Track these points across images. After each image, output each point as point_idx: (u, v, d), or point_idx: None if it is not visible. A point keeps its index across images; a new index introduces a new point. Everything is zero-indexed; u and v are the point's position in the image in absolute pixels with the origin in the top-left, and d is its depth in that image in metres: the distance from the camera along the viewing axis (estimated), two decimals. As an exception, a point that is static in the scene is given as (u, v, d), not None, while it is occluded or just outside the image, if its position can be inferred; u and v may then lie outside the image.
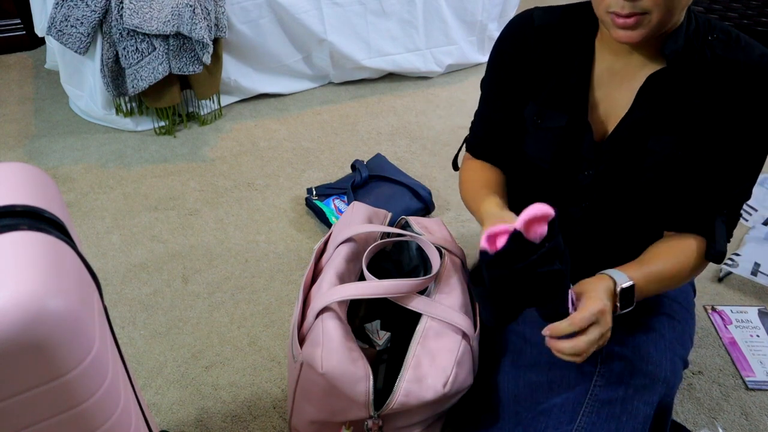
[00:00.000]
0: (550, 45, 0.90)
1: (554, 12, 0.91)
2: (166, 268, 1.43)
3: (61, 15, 1.65)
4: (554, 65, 0.90)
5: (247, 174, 1.77)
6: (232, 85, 2.04)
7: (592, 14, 0.84)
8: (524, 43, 0.91)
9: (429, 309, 0.93)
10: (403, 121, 2.07)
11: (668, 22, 0.76)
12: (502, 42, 0.95)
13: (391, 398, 0.86)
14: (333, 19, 2.05)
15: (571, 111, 0.89)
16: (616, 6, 0.75)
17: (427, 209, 1.62)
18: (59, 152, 1.83)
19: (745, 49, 0.80)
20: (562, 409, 0.87)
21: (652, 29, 0.76)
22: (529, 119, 0.94)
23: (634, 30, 0.76)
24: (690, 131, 0.83)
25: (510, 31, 0.94)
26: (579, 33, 0.88)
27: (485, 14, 2.32)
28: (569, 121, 0.89)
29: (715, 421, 1.14)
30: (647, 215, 0.93)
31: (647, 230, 0.94)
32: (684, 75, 0.82)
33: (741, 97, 0.80)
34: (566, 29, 0.89)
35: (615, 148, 0.87)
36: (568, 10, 0.90)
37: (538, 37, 0.90)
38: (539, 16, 0.91)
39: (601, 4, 0.78)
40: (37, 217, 0.49)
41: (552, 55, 0.90)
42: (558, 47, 0.89)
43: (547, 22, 0.90)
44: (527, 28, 0.91)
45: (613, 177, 0.89)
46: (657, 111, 0.84)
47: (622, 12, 0.75)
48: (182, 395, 1.14)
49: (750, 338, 1.31)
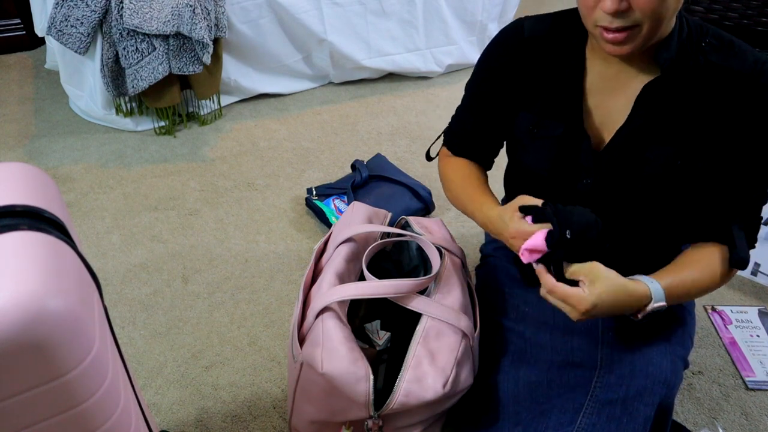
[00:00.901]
0: (541, 55, 0.90)
1: (544, 21, 0.90)
2: (166, 268, 1.43)
3: (61, 15, 1.65)
4: (546, 75, 0.90)
5: (247, 174, 1.77)
6: (232, 85, 2.04)
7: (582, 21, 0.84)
8: (514, 55, 0.92)
9: (429, 309, 0.93)
10: (403, 121, 2.07)
11: (657, 32, 0.76)
12: (490, 53, 0.95)
13: (391, 398, 0.86)
14: (333, 19, 2.05)
15: (567, 120, 0.89)
16: (605, 21, 0.74)
17: (427, 209, 1.62)
18: (59, 152, 1.83)
19: (738, 56, 0.80)
20: (563, 409, 0.87)
21: (643, 41, 0.76)
22: (524, 129, 0.94)
23: (624, 45, 0.76)
24: (689, 140, 0.83)
25: (499, 43, 0.94)
26: (569, 41, 0.88)
27: (485, 14, 2.32)
28: (566, 129, 0.89)
29: (715, 421, 1.14)
30: (646, 225, 0.93)
31: (646, 239, 0.94)
32: (679, 83, 0.82)
33: (738, 106, 0.80)
34: (556, 39, 0.89)
35: (613, 157, 0.87)
36: (559, 18, 0.90)
37: (528, 49, 0.90)
38: (529, 27, 0.90)
39: (589, 18, 0.77)
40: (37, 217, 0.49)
41: (543, 66, 0.90)
42: (549, 57, 0.90)
43: (537, 33, 0.90)
44: (517, 39, 0.91)
45: (611, 185, 0.89)
46: (655, 120, 0.84)
47: (611, 26, 0.74)
48: (182, 395, 1.14)
49: (750, 338, 1.31)
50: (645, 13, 0.72)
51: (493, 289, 1.07)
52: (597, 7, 0.74)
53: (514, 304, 1.03)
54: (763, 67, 0.79)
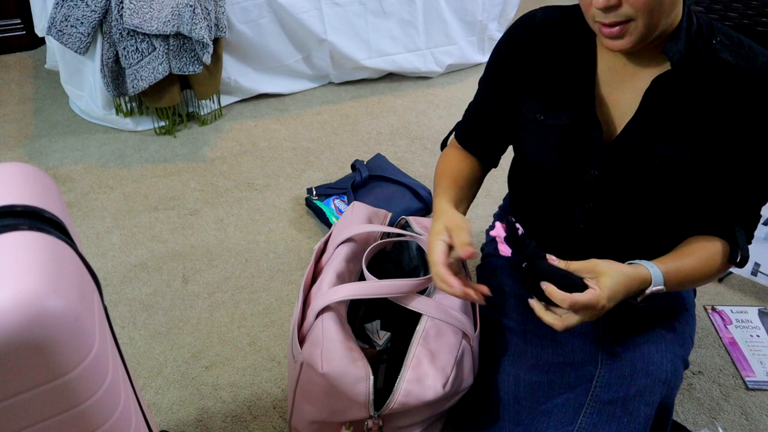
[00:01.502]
0: (551, 42, 0.90)
1: (556, 11, 0.91)
2: (166, 268, 1.43)
3: (61, 15, 1.65)
4: (555, 62, 0.90)
5: (247, 174, 1.77)
6: (232, 85, 2.04)
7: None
8: (524, 40, 0.92)
9: (429, 309, 0.93)
10: (403, 121, 2.07)
11: (657, 26, 0.76)
12: (502, 42, 0.96)
13: (391, 398, 0.86)
14: (333, 19, 2.05)
15: (575, 109, 0.89)
16: (599, 16, 0.76)
17: (427, 209, 1.62)
18: (59, 152, 1.83)
19: (749, 55, 0.80)
20: (563, 409, 0.87)
21: (641, 35, 0.76)
22: (530, 116, 0.93)
23: (621, 39, 0.76)
24: (698, 138, 0.83)
25: (511, 31, 0.95)
26: (580, 32, 0.88)
27: (485, 14, 2.32)
28: (573, 118, 0.89)
29: (715, 421, 1.14)
30: (650, 218, 0.93)
31: (649, 232, 0.94)
32: (689, 79, 0.82)
33: (747, 105, 0.80)
34: (567, 27, 0.89)
35: (622, 149, 0.87)
36: (569, 11, 0.90)
37: (538, 34, 0.91)
38: (541, 15, 0.92)
39: (588, 15, 0.79)
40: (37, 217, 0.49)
41: (553, 52, 0.90)
42: (559, 44, 0.90)
43: (548, 20, 0.90)
44: (528, 25, 0.92)
45: (618, 178, 0.89)
46: (664, 114, 0.84)
47: (605, 21, 0.75)
48: (182, 395, 1.14)
49: (750, 338, 1.31)
50: (636, 8, 0.73)
51: (494, 289, 1.07)
52: (592, 4, 0.76)
53: (514, 304, 1.03)
54: None
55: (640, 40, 0.76)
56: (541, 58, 0.91)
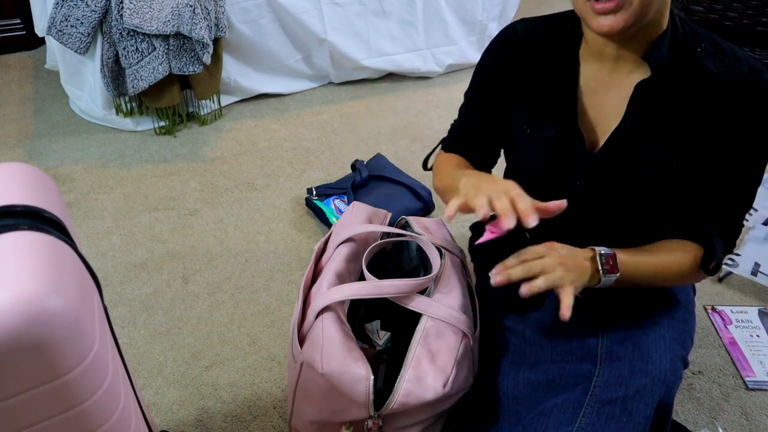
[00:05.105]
0: (534, 55, 0.91)
1: (537, 23, 0.91)
2: (166, 268, 1.43)
3: (61, 15, 1.65)
4: (539, 75, 0.90)
5: (247, 174, 1.77)
6: (232, 85, 2.04)
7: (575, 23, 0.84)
8: (508, 55, 0.92)
9: (429, 309, 0.93)
10: (403, 121, 2.07)
11: (649, 9, 0.75)
12: (486, 56, 0.97)
13: (391, 398, 0.86)
14: (333, 19, 2.05)
15: (560, 120, 0.89)
16: None
17: (427, 209, 1.62)
18: (59, 152, 1.83)
19: (733, 64, 0.80)
20: (562, 409, 0.87)
21: (634, 13, 0.75)
22: (517, 128, 0.94)
23: (614, 14, 0.75)
24: (684, 145, 0.84)
25: (493, 46, 0.95)
26: (563, 42, 0.88)
27: (485, 14, 2.32)
28: (559, 130, 0.89)
29: (715, 421, 1.14)
30: (639, 226, 0.93)
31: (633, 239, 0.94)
32: (671, 85, 0.82)
33: (729, 116, 0.81)
34: (550, 39, 0.90)
35: (608, 158, 0.87)
36: (551, 21, 0.90)
37: (521, 49, 0.91)
38: (522, 28, 0.92)
39: None
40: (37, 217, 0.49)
41: (536, 65, 0.91)
42: (542, 57, 0.90)
43: (529, 34, 0.91)
44: (510, 40, 0.93)
45: (606, 187, 0.89)
46: (649, 122, 0.84)
47: None
48: (182, 395, 1.14)
49: (750, 338, 1.31)
50: None
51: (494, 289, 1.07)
52: None
53: (514, 304, 1.03)
54: (757, 77, 0.80)
55: (633, 20, 0.75)
56: (524, 71, 0.91)
